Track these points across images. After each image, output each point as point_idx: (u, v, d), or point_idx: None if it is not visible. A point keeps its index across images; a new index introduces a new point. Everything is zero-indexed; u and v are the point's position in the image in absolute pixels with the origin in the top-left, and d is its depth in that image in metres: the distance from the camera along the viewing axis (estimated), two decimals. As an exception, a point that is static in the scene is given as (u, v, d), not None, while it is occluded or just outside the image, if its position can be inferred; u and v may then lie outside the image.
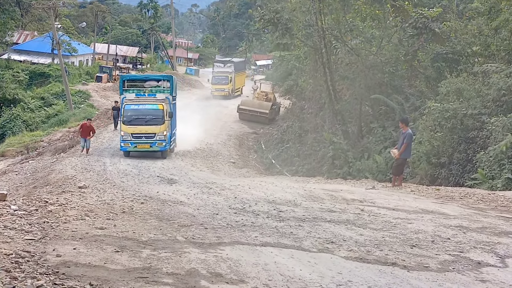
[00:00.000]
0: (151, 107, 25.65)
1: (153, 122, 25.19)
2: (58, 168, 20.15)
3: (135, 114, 25.45)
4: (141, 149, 25.18)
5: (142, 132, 24.88)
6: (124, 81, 26.78)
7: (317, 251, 8.16)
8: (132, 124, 25.00)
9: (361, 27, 28.74)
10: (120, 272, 6.61)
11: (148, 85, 26.92)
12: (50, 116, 47.43)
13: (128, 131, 24.92)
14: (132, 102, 25.54)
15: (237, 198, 13.24)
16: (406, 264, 7.58)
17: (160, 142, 25.21)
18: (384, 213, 11.51)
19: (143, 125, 24.97)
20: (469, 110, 19.98)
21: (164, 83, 27.40)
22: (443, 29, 26.14)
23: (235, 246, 8.19)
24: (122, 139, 25.24)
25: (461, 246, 8.67)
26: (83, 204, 11.19)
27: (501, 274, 7.31)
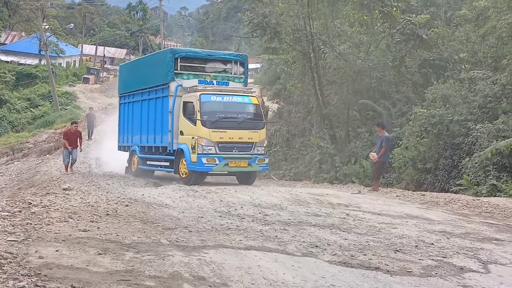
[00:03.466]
0: (243, 101, 18.12)
1: (248, 124, 17.71)
2: (43, 170, 20.13)
3: (220, 111, 17.63)
4: (235, 168, 17.45)
5: (234, 140, 17.27)
6: (176, 59, 18.53)
7: (301, 255, 8.17)
8: (218, 127, 17.10)
9: (349, 32, 28.80)
10: (102, 275, 6.58)
11: (211, 69, 19.28)
12: (36, 117, 47.22)
13: (211, 139, 16.86)
14: (211, 92, 17.65)
15: (223, 202, 13.23)
16: (389, 268, 7.61)
17: (262, 157, 17.67)
18: (369, 217, 11.55)
19: (235, 128, 17.38)
20: (455, 116, 20.10)
21: (235, 67, 19.73)
22: (431, 35, 26.25)
23: (219, 250, 8.18)
24: (201, 153, 16.79)
25: (444, 252, 8.72)
26: (67, 206, 11.13)
27: (483, 279, 7.35)
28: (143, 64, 22.25)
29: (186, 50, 19.95)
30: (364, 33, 29.72)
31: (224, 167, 17.04)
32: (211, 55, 19.62)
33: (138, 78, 21.53)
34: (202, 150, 16.77)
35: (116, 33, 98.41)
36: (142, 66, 22.17)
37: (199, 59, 19.26)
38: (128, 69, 24.47)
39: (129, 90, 22.41)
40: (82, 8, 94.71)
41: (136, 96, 21.63)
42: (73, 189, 14.28)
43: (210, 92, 17.52)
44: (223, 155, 16.89)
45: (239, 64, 19.73)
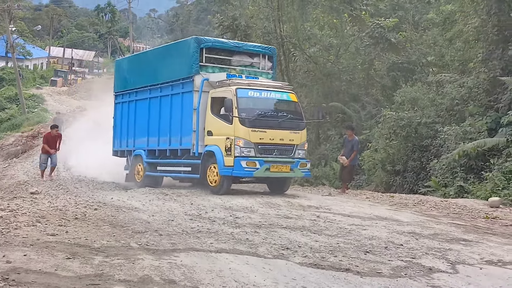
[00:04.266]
0: (282, 98, 16.02)
1: (289, 124, 15.66)
2: (10, 174, 19.86)
3: (259, 109, 15.52)
4: (277, 173, 15.28)
5: (274, 141, 15.18)
6: (202, 49, 16.39)
7: (272, 257, 8.17)
8: (258, 126, 15.05)
9: (319, 35, 29.00)
10: (71, 279, 6.50)
11: (237, 62, 17.17)
12: (2, 121, 46.49)
13: (251, 139, 14.83)
14: (248, 86, 15.51)
15: (193, 205, 13.17)
16: (359, 270, 7.65)
17: (304, 162, 15.70)
18: (340, 219, 11.62)
19: (275, 128, 15.30)
20: (423, 119, 20.38)
21: (262, 61, 17.66)
22: (399, 39, 26.59)
23: (189, 253, 8.14)
24: (239, 155, 14.76)
25: (414, 252, 8.81)
26: (35, 210, 10.95)
27: (452, 280, 7.45)
28: (153, 57, 19.50)
29: (213, 40, 17.54)
30: (333, 36, 29.97)
31: (265, 172, 14.89)
32: (238, 47, 17.50)
33: (145, 73, 19.00)
34: (240, 152, 14.66)
35: (84, 35, 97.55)
36: (151, 60, 19.49)
37: (226, 51, 17.12)
38: (128, 64, 21.58)
39: (131, 87, 19.83)
40: (50, 10, 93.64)
41: (141, 94, 19.11)
42: (41, 193, 14.09)
43: (247, 87, 15.40)
44: (263, 158, 14.89)
45: (267, 57, 17.68)
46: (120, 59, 23.17)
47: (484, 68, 22.49)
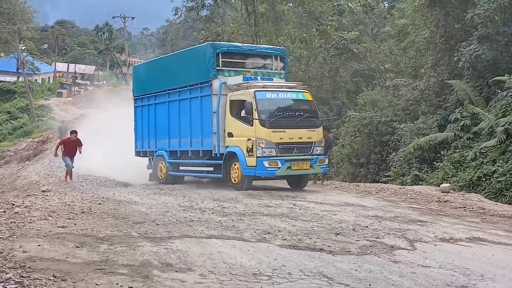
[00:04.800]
0: (298, 97, 14.94)
1: (306, 123, 14.60)
2: (23, 175, 19.59)
3: (277, 109, 14.45)
4: (298, 171, 14.41)
5: (294, 140, 14.27)
6: (218, 54, 15.20)
7: (255, 241, 8.17)
8: (277, 126, 14.06)
9: (291, 47, 29.09)
10: (80, 265, 6.46)
11: (251, 64, 15.93)
12: (16, 128, 46.06)
13: (272, 139, 13.89)
14: (265, 89, 14.44)
15: (186, 197, 13.12)
16: (331, 249, 7.68)
17: (322, 158, 14.79)
18: (313, 206, 11.65)
19: (293, 127, 14.35)
20: (383, 118, 20.57)
21: (275, 62, 16.33)
22: (360, 49, 26.80)
23: (183, 239, 8.10)
24: (261, 155, 13.84)
25: (377, 233, 8.86)
26: (46, 206, 10.85)
27: (410, 255, 7.51)
28: (170, 63, 17.96)
29: (228, 45, 16.29)
30: (304, 48, 30.13)
31: (287, 170, 13.99)
32: (252, 50, 16.12)
33: (163, 78, 17.64)
34: (262, 153, 13.72)
35: (85, 51, 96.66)
36: (168, 65, 17.96)
37: (240, 54, 15.83)
38: (147, 69, 19.93)
39: (150, 91, 18.36)
40: (55, 30, 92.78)
41: (160, 98, 17.75)
42: (51, 191, 13.92)
43: (265, 89, 14.34)
44: (284, 157, 13.93)
45: (279, 59, 16.36)
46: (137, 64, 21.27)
47: (434, 73, 22.75)
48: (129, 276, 6.07)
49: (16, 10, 46.50)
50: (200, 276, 6.19)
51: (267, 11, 30.45)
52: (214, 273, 6.31)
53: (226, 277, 6.18)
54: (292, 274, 6.36)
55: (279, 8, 30.12)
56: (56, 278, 5.83)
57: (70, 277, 5.92)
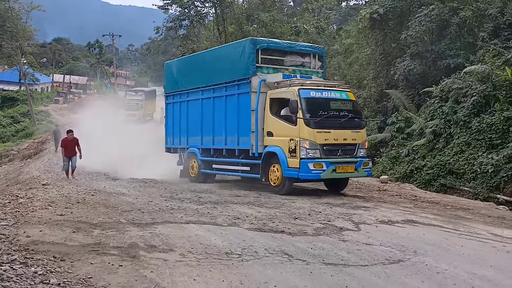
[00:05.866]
0: (341, 97, 12.48)
1: (351, 123, 12.18)
2: (25, 171, 19.08)
3: (322, 109, 11.96)
4: (342, 174, 12.01)
5: (338, 141, 11.87)
6: (257, 50, 12.94)
7: (227, 225, 8.17)
8: (322, 126, 11.67)
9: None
10: (77, 247, 6.35)
11: (290, 62, 13.54)
12: (18, 131, 45.02)
13: (316, 140, 11.55)
14: (309, 87, 12.14)
15: (167, 189, 12.98)
16: (291, 231, 7.74)
17: (366, 161, 12.32)
18: (275, 196, 11.69)
19: (338, 128, 11.91)
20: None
21: (313, 60, 13.90)
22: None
23: (165, 225, 8.03)
24: (305, 157, 11.42)
25: (329, 217, 8.97)
26: (46, 197, 10.60)
27: (356, 235, 7.63)
28: (205, 60, 15.53)
29: (267, 41, 13.75)
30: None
31: (332, 173, 11.57)
32: (291, 47, 13.73)
33: (196, 75, 15.27)
34: (306, 154, 11.38)
35: (79, 64, 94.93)
36: (202, 62, 15.48)
37: (279, 51, 13.49)
38: (179, 66, 16.98)
39: (182, 88, 15.99)
40: (52, 46, 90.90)
41: (193, 95, 15.40)
42: (50, 184, 13.58)
43: (309, 87, 12.06)
44: (329, 159, 11.58)
45: (317, 57, 13.92)
46: (169, 61, 18.26)
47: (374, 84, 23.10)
48: (119, 256, 6.00)
49: (18, 29, 45.54)
50: (180, 256, 6.16)
51: (236, 31, 30.45)
52: (192, 253, 6.29)
53: (202, 256, 6.16)
54: (258, 252, 6.39)
55: (245, 29, 30.13)
56: (56, 259, 5.74)
57: (68, 258, 5.83)
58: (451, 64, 19.20)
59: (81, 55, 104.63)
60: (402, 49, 22.36)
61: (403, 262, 6.18)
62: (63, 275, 5.20)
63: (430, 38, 21.26)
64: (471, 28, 20.02)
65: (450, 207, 10.84)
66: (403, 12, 22.52)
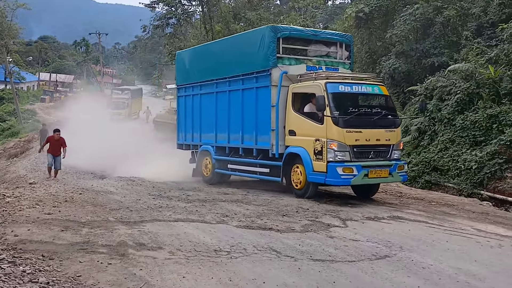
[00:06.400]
0: (373, 91, 10.88)
1: (384, 122, 10.65)
2: (12, 169, 18.85)
3: (352, 106, 10.52)
4: (375, 179, 10.44)
5: (370, 142, 10.31)
6: (279, 39, 11.44)
7: (215, 223, 8.18)
8: (353, 125, 10.18)
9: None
10: (65, 246, 6.31)
11: (314, 52, 12.01)
12: (4, 130, 44.40)
13: (345, 141, 10.06)
14: (338, 80, 10.59)
15: (155, 187, 12.90)
16: (279, 228, 7.78)
17: (401, 164, 10.68)
18: (263, 193, 11.71)
19: (370, 127, 10.39)
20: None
21: (339, 50, 12.27)
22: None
23: (154, 223, 8.02)
24: (333, 160, 9.97)
25: (316, 214, 9.02)
26: (34, 196, 10.49)
27: (343, 231, 7.70)
28: (220, 50, 13.94)
29: (289, 28, 12.20)
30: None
31: (364, 178, 10.04)
32: (316, 35, 12.11)
33: (211, 66, 13.78)
34: (334, 157, 9.94)
35: (65, 63, 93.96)
36: (217, 52, 13.97)
37: (302, 40, 11.96)
38: (192, 56, 15.34)
39: (194, 80, 14.54)
40: (38, 45, 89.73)
41: (207, 87, 13.96)
42: (37, 183, 13.44)
43: (337, 80, 10.53)
44: (360, 162, 10.06)
45: (344, 46, 12.34)
46: (181, 51, 16.65)
47: (360, 82, 23.03)
48: (108, 255, 5.99)
49: (3, 27, 44.86)
50: (169, 253, 6.16)
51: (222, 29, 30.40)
52: (181, 250, 6.30)
53: (191, 253, 6.17)
54: (247, 249, 6.41)
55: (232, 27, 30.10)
56: (45, 258, 5.71)
57: (57, 256, 5.80)
58: (436, 63, 19.38)
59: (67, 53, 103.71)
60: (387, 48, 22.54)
61: (389, 258, 6.25)
62: (52, 273, 5.17)
63: (414, 37, 21.46)
64: (455, 27, 20.25)
65: (435, 203, 10.96)
66: (388, 11, 22.70)
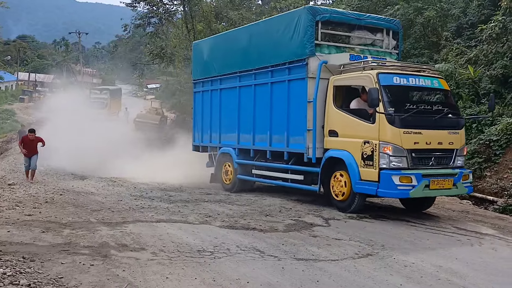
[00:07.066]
0: (432, 85, 9.20)
1: (446, 122, 8.92)
2: (-11, 171, 18.44)
3: (409, 102, 8.98)
4: (437, 191, 8.69)
5: (431, 146, 8.61)
6: (317, 22, 9.86)
7: (198, 223, 8.16)
8: (411, 125, 8.45)
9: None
10: (46, 247, 6.23)
11: (358, 39, 10.48)
12: (-18, 130, 43.58)
13: (403, 144, 8.33)
14: (392, 71, 8.90)
15: (136, 188, 12.83)
16: (262, 228, 7.80)
17: (466, 173, 8.98)
18: (246, 193, 11.72)
19: (431, 128, 8.67)
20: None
21: (386, 38, 10.63)
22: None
23: (136, 224, 7.96)
24: (387, 167, 8.28)
25: (299, 213, 9.08)
26: (13, 197, 10.33)
27: (326, 230, 7.76)
28: (244, 37, 12.14)
29: (330, 10, 10.41)
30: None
31: (424, 190, 8.34)
32: (360, 19, 10.42)
33: (232, 56, 12.35)
34: (388, 163, 8.30)
35: (44, 62, 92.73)
36: (240, 40, 12.25)
37: (345, 25, 10.49)
38: (210, 46, 13.73)
39: (213, 74, 13.05)
40: (17, 44, 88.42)
41: (228, 81, 12.49)
42: (17, 184, 13.23)
43: (391, 71, 8.87)
44: (420, 170, 8.39)
45: (391, 34, 10.66)
46: (199, 41, 15.21)
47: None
48: (90, 256, 5.93)
49: (-20, 26, 44.07)
50: (152, 254, 6.13)
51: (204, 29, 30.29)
52: (164, 251, 6.27)
53: (174, 254, 6.14)
54: (230, 250, 6.41)
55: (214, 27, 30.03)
56: (26, 259, 5.62)
57: (38, 258, 5.72)
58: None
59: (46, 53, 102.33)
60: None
61: (371, 256, 6.32)
62: (33, 275, 5.10)
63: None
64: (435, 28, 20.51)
65: (416, 202, 11.09)
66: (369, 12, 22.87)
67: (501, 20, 13.98)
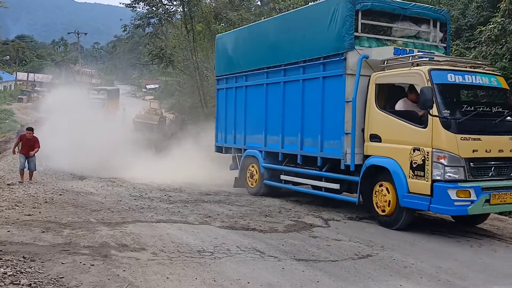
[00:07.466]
0: (491, 84, 7.84)
1: (505, 126, 7.69)
2: (-12, 171, 18.39)
3: (465, 103, 7.81)
4: (500, 207, 7.48)
5: (491, 154, 7.34)
6: (358, 12, 8.69)
7: (198, 223, 8.17)
8: (468, 130, 7.24)
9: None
10: (46, 247, 6.24)
11: (401, 31, 9.32)
12: (-20, 130, 43.53)
13: (459, 152, 7.10)
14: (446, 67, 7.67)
15: (136, 188, 12.80)
16: (262, 228, 7.82)
17: None
18: (245, 194, 11.72)
19: (490, 133, 7.44)
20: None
21: (433, 30, 9.53)
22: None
23: (136, 224, 7.96)
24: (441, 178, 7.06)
25: (299, 214, 9.10)
26: (13, 197, 10.31)
27: (326, 231, 7.78)
28: (272, 30, 11.11)
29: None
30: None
31: (485, 205, 7.26)
32: (404, 9, 9.19)
33: (261, 51, 11.23)
34: (443, 174, 7.16)
35: (43, 62, 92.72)
36: (268, 33, 11.21)
37: (387, 15, 9.42)
38: (236, 40, 12.79)
39: (239, 69, 12.08)
40: (15, 44, 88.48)
41: (254, 78, 11.50)
42: (16, 184, 13.22)
43: (445, 67, 7.77)
44: (479, 182, 7.27)
45: (438, 25, 9.57)
46: (223, 34, 14.40)
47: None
48: (91, 256, 5.94)
49: (-22, 25, 44.04)
50: (152, 254, 6.14)
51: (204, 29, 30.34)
52: (164, 251, 6.28)
53: (174, 254, 6.16)
54: (230, 250, 6.43)
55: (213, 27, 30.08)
56: (26, 259, 5.63)
57: (39, 258, 5.73)
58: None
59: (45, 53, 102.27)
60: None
61: (371, 257, 6.34)
62: (33, 275, 5.11)
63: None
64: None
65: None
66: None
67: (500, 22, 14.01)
